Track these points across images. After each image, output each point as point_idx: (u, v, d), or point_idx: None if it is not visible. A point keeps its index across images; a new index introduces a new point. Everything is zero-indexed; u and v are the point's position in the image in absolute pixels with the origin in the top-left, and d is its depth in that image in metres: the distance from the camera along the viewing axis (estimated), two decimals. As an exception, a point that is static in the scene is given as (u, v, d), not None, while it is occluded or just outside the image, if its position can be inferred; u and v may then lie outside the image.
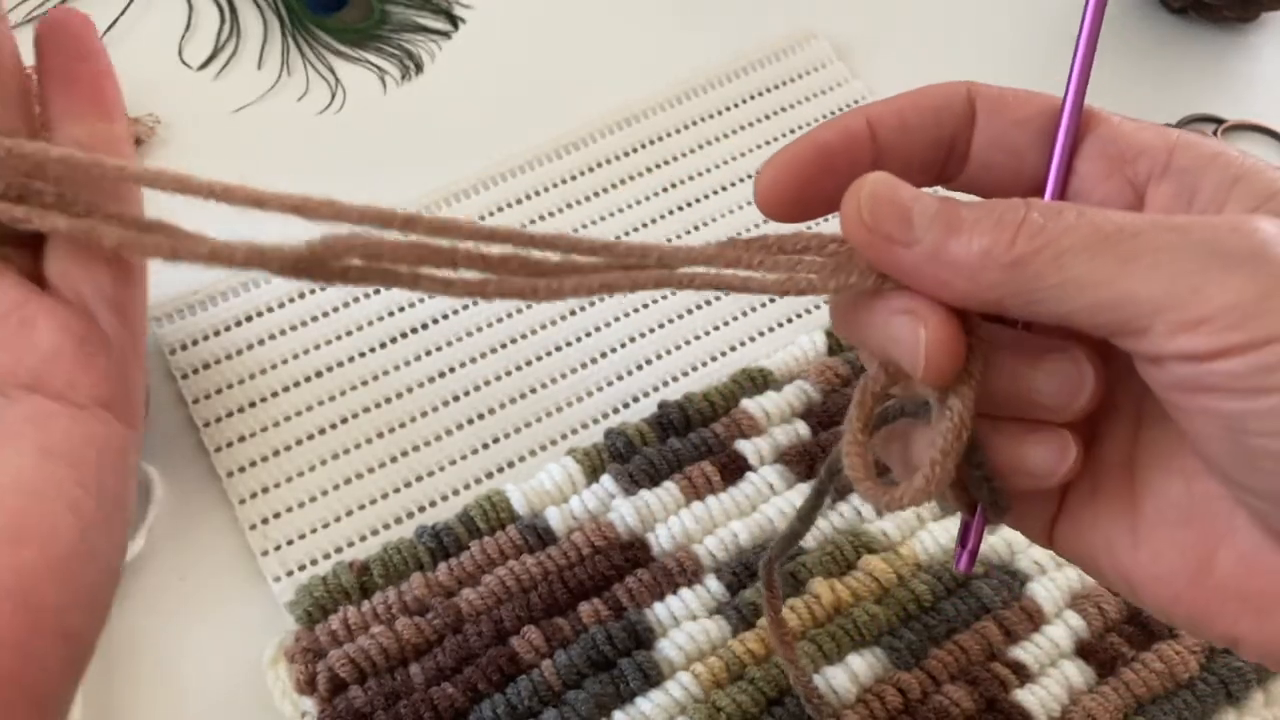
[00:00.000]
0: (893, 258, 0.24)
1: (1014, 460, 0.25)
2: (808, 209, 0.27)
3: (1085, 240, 0.22)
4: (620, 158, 0.56)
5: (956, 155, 0.27)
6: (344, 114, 0.58)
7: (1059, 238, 0.22)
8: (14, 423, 0.28)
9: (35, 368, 0.29)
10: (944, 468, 0.24)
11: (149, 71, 0.58)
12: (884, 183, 0.24)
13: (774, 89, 0.59)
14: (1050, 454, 0.25)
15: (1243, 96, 0.60)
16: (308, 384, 0.49)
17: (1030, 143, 0.27)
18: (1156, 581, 0.25)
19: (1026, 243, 0.23)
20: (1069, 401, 0.25)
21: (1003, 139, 0.27)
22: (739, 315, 0.52)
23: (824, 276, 0.25)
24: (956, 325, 0.24)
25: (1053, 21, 0.63)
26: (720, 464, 0.46)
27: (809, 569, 0.43)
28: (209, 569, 0.45)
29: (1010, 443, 0.25)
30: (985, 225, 0.23)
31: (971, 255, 0.23)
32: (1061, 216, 0.23)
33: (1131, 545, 0.26)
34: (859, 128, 0.27)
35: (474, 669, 0.41)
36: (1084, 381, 0.25)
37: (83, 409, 0.29)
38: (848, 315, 0.26)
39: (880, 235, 0.24)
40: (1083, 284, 0.22)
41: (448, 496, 0.47)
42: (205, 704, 0.42)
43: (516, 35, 0.61)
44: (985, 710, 0.41)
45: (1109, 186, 0.26)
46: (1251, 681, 0.42)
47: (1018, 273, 0.23)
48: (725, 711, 0.40)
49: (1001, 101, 0.27)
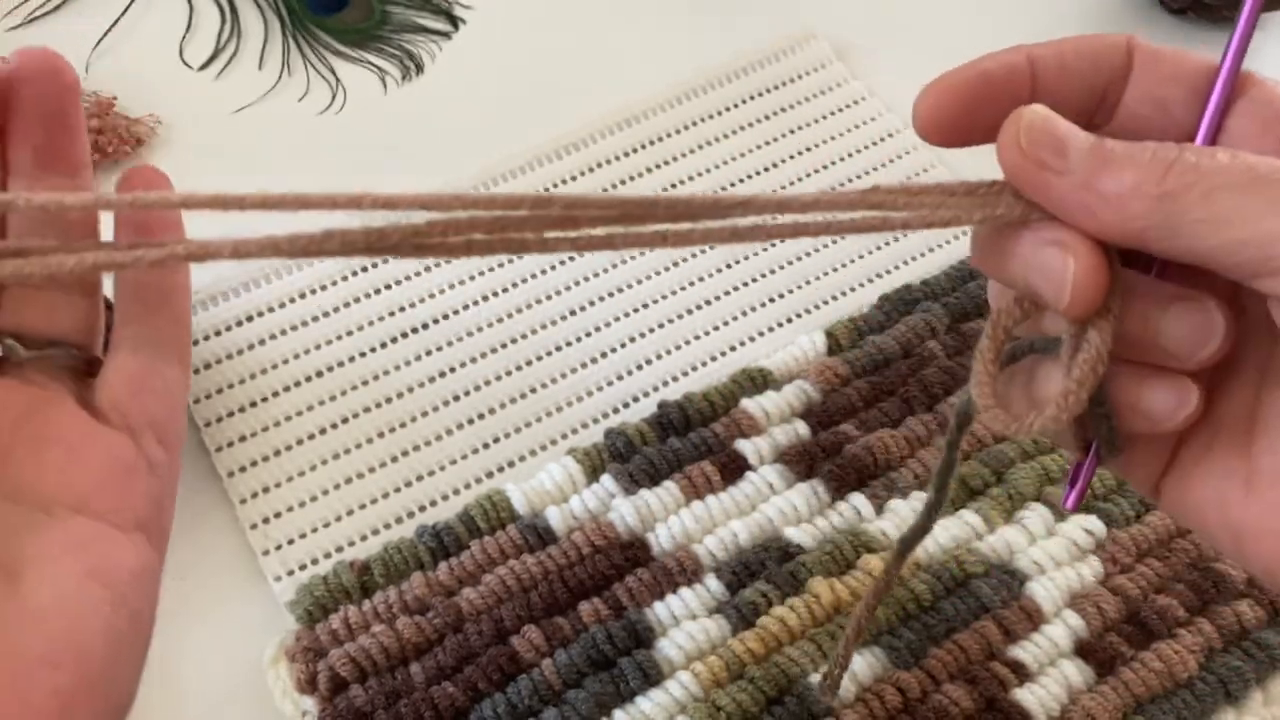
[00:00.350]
0: (1044, 184, 0.25)
1: (1135, 401, 0.26)
2: (965, 134, 0.27)
3: (1237, 179, 0.23)
4: (620, 158, 0.56)
5: (1108, 104, 0.28)
6: (344, 114, 0.58)
7: (1211, 174, 0.23)
8: (58, 544, 0.29)
9: (83, 491, 0.30)
10: (1078, 397, 0.25)
11: (149, 71, 0.58)
12: (1042, 114, 0.25)
13: (774, 89, 0.59)
14: (1171, 397, 0.26)
15: (1242, 97, 0.60)
16: (308, 384, 0.49)
17: (1182, 99, 0.27)
18: (1268, 537, 0.26)
19: (1178, 178, 0.23)
20: (1197, 349, 0.25)
21: (1155, 93, 0.27)
22: (739, 315, 0.52)
23: (970, 208, 0.26)
24: (1103, 258, 0.25)
25: (1052, 21, 0.63)
26: (720, 464, 0.46)
27: (809, 569, 0.43)
28: (209, 569, 0.45)
29: (1133, 384, 0.26)
30: (1139, 160, 0.24)
31: (1123, 187, 0.24)
32: (1215, 157, 0.23)
33: (1244, 500, 0.26)
34: (1020, 63, 0.27)
35: (474, 668, 0.41)
36: (1214, 329, 0.25)
37: (123, 532, 0.30)
38: (991, 246, 0.27)
39: (1035, 161, 0.25)
40: (1230, 220, 0.23)
41: (448, 496, 0.47)
42: (205, 704, 0.42)
43: (516, 35, 0.61)
44: (984, 710, 0.41)
45: (1261, 144, 0.26)
46: (1250, 681, 0.42)
47: (1166, 205, 0.23)
48: (725, 710, 0.40)
49: (1159, 57, 0.27)
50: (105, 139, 0.54)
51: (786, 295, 0.52)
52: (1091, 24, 0.62)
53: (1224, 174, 0.23)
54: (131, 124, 0.55)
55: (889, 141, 0.58)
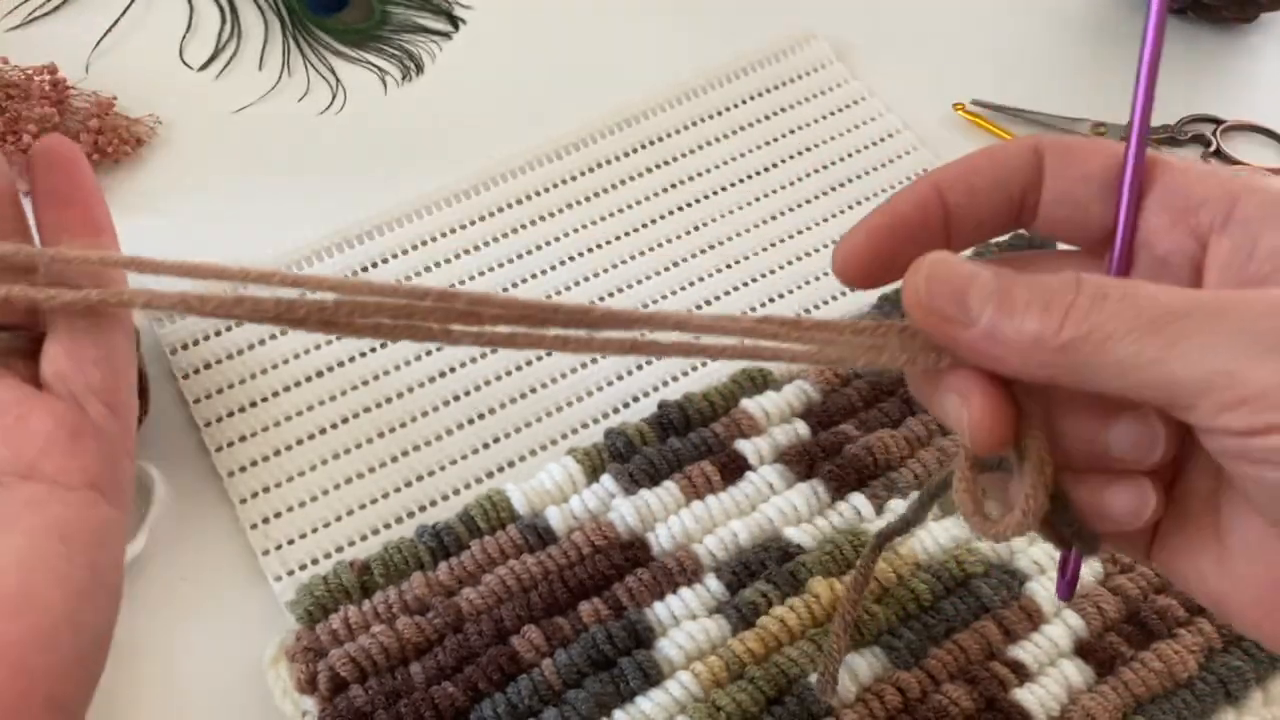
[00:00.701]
0: (951, 336, 0.25)
1: (1099, 505, 0.27)
2: (884, 275, 0.28)
3: (1129, 324, 0.23)
4: (620, 158, 0.56)
5: (1027, 209, 0.28)
6: (345, 114, 0.58)
7: (1104, 323, 0.23)
8: (11, 507, 0.31)
9: (30, 457, 0.32)
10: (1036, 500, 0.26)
11: (150, 72, 0.58)
12: (941, 263, 0.26)
13: (774, 89, 0.59)
14: (1132, 500, 0.26)
15: (1242, 97, 0.60)
16: (308, 384, 0.49)
17: (1096, 196, 0.28)
18: (1243, 609, 0.27)
19: (1073, 328, 0.24)
20: (1145, 456, 0.26)
21: (1069, 195, 0.28)
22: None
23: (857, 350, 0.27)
24: (999, 404, 0.26)
25: (1052, 21, 0.63)
26: (720, 464, 0.46)
27: (809, 569, 0.43)
28: (209, 569, 0.45)
29: (1093, 492, 0.27)
30: (1036, 308, 0.24)
31: (1023, 338, 0.24)
32: (1107, 301, 0.24)
33: (1219, 573, 0.27)
34: (929, 194, 0.28)
35: (474, 668, 0.41)
36: (1155, 439, 0.26)
37: (73, 492, 0.32)
38: (917, 387, 0.28)
39: (939, 316, 0.25)
40: (1127, 367, 0.23)
41: (448, 496, 0.47)
42: (205, 704, 0.42)
43: (516, 35, 0.61)
44: (984, 709, 0.41)
45: (1173, 238, 0.27)
46: (1250, 681, 0.42)
47: (1067, 356, 0.24)
48: (725, 710, 0.40)
49: (1069, 155, 0.28)
50: (105, 139, 0.54)
51: (787, 295, 0.52)
52: (1091, 24, 0.62)
53: (1115, 320, 0.23)
54: (131, 124, 0.55)
55: (889, 141, 0.58)
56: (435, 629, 0.42)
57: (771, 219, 0.55)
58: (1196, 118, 0.59)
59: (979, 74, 0.60)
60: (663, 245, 0.54)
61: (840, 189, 0.56)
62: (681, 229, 0.54)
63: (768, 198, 0.55)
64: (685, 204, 0.55)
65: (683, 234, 0.54)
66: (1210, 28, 0.62)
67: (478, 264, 0.52)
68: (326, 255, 0.52)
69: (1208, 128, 0.59)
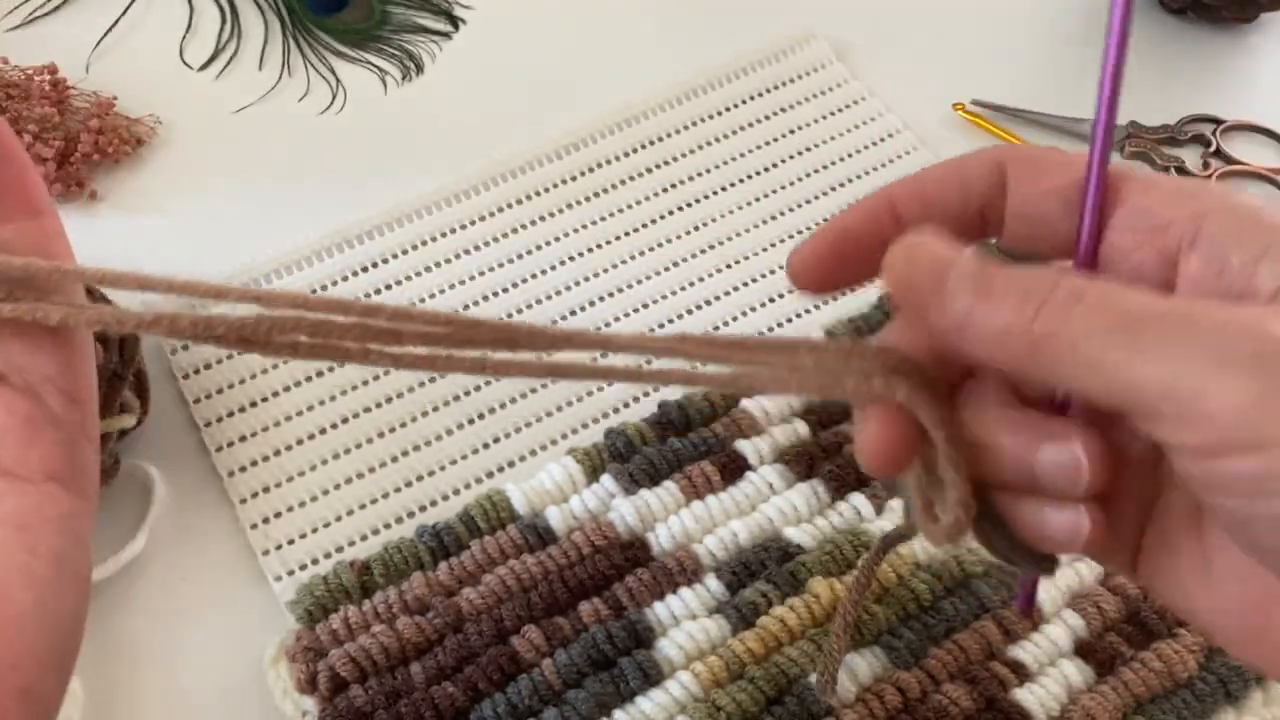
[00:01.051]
0: (925, 316, 0.25)
1: (1037, 527, 0.26)
2: (837, 282, 0.29)
3: (1101, 325, 0.23)
4: (621, 158, 0.56)
5: (992, 222, 0.28)
6: (345, 114, 0.58)
7: (1077, 320, 0.23)
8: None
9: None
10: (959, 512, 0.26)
11: (149, 72, 0.58)
12: (924, 244, 0.25)
13: (774, 89, 0.59)
14: (1067, 524, 0.26)
15: (1241, 97, 0.60)
16: (308, 384, 0.49)
17: (1060, 213, 0.27)
18: (1227, 629, 0.26)
19: (1045, 324, 0.23)
20: (1071, 486, 0.26)
21: (1033, 210, 0.27)
22: (738, 315, 0.52)
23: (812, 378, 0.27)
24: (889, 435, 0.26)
25: (1052, 21, 0.63)
26: (720, 464, 0.46)
27: (809, 568, 0.43)
28: (209, 568, 0.45)
29: (1033, 511, 0.26)
30: (1012, 298, 0.24)
31: (996, 326, 0.24)
32: (1083, 299, 0.23)
33: (1203, 593, 0.26)
34: (882, 207, 0.28)
35: (474, 668, 0.41)
36: (1080, 470, 0.25)
37: (30, 482, 0.31)
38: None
39: (915, 293, 0.25)
40: (1094, 366, 0.23)
41: (448, 496, 0.47)
42: (205, 704, 0.42)
43: (516, 35, 0.61)
44: (984, 709, 0.41)
45: (1140, 257, 0.26)
46: (1250, 681, 0.42)
47: (1037, 349, 0.23)
48: (725, 710, 0.40)
49: (1033, 169, 0.27)
50: (105, 139, 0.54)
51: (786, 295, 0.52)
52: (1092, 24, 0.62)
53: (1087, 319, 0.23)
54: (131, 124, 0.55)
55: (889, 141, 0.58)
56: (435, 629, 0.42)
57: (771, 219, 0.55)
58: (1196, 118, 0.59)
59: (979, 74, 0.60)
60: (663, 245, 0.54)
61: (840, 189, 0.56)
62: (681, 229, 0.54)
63: (768, 198, 0.55)
64: (685, 204, 0.55)
65: (683, 234, 0.54)
66: (1210, 28, 0.62)
67: (478, 264, 0.52)
68: (326, 255, 0.52)
69: (1208, 128, 0.59)
